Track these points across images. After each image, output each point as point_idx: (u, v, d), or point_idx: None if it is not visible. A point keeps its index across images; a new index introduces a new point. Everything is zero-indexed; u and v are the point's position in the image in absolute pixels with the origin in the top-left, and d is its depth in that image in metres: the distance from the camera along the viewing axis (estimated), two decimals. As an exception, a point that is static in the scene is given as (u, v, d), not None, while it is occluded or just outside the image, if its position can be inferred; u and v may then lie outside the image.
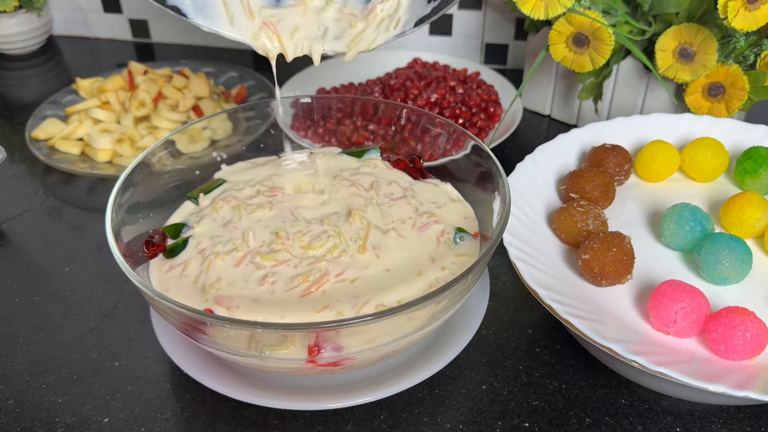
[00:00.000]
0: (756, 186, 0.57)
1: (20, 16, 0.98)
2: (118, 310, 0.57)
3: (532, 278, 0.48)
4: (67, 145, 0.76)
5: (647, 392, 0.49)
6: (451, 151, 0.56)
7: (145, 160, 0.51)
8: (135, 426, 0.47)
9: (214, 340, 0.41)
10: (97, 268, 0.61)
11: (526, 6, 0.66)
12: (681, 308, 0.45)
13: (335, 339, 0.40)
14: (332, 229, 0.49)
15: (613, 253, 0.48)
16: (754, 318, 0.44)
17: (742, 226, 0.53)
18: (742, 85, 0.66)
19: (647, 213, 0.57)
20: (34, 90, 0.94)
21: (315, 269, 0.45)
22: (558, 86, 0.82)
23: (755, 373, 0.43)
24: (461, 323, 0.50)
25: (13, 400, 0.49)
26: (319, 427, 0.47)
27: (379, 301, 0.43)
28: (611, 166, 0.58)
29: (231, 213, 0.51)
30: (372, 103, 0.67)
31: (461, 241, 0.49)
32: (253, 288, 0.45)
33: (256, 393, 0.45)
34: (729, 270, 0.48)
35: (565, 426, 0.47)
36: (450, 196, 0.54)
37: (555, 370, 0.51)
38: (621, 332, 0.46)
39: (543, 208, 0.57)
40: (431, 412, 0.48)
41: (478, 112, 0.79)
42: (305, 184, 0.55)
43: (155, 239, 0.49)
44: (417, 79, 0.82)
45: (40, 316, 0.56)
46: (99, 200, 0.72)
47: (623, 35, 0.68)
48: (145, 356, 0.52)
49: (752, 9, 0.60)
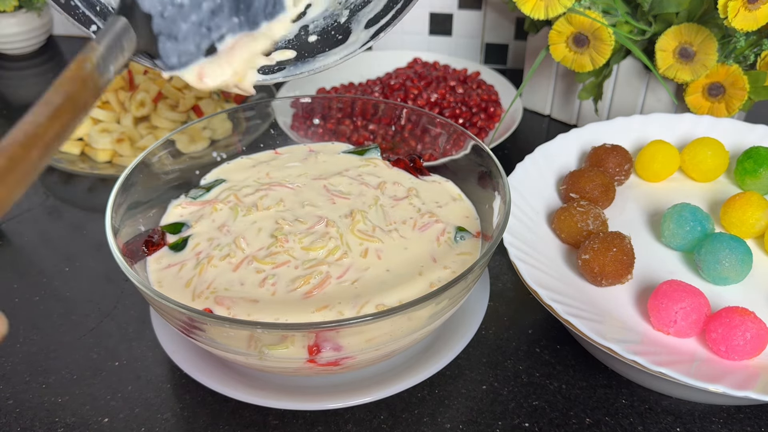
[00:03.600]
0: (756, 186, 0.57)
1: (20, 16, 0.98)
2: (118, 310, 0.57)
3: (532, 278, 0.48)
4: (67, 145, 0.76)
5: (647, 392, 0.49)
6: (451, 151, 0.56)
7: (145, 160, 0.51)
8: (135, 426, 0.47)
9: (214, 339, 0.41)
10: (97, 268, 0.61)
11: (526, 6, 0.66)
12: (681, 308, 0.45)
13: (335, 339, 0.40)
14: (334, 230, 0.49)
15: (613, 253, 0.48)
16: (754, 318, 0.44)
17: (743, 226, 0.53)
18: (743, 85, 0.66)
19: (647, 213, 0.57)
20: (34, 90, 0.94)
21: (316, 272, 0.45)
22: (558, 86, 0.82)
23: (755, 373, 0.43)
24: (461, 323, 0.50)
25: (13, 400, 0.49)
26: (319, 427, 0.47)
27: (379, 301, 0.43)
28: (611, 166, 0.58)
29: (228, 213, 0.51)
30: (372, 103, 0.67)
31: (462, 240, 0.49)
32: (251, 290, 0.45)
33: (256, 393, 0.45)
34: (729, 270, 0.48)
35: (565, 426, 0.47)
36: (452, 195, 0.54)
37: (555, 370, 0.51)
38: (621, 332, 0.46)
39: (543, 208, 0.57)
40: (431, 412, 0.48)
41: (478, 112, 0.79)
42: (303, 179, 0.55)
43: (155, 239, 0.49)
44: (417, 79, 0.82)
45: (40, 316, 0.56)
46: (99, 200, 0.72)
47: (623, 35, 0.68)
48: (145, 356, 0.52)
49: (752, 9, 0.60)
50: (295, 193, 0.53)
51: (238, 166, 0.58)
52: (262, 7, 0.44)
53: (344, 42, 0.47)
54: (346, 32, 0.47)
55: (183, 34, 0.41)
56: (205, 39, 0.42)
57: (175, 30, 0.40)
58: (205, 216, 0.51)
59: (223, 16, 0.42)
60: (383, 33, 0.45)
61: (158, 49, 0.40)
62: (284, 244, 0.48)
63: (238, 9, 0.43)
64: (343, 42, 0.47)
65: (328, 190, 0.54)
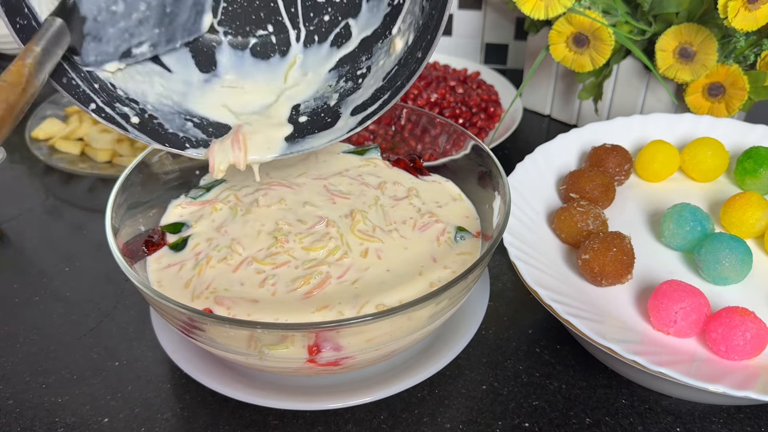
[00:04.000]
0: (756, 186, 0.57)
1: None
2: (118, 310, 0.57)
3: (532, 278, 0.48)
4: (67, 145, 0.76)
5: (647, 392, 0.49)
6: (451, 151, 0.56)
7: (145, 160, 0.51)
8: (135, 426, 0.47)
9: (214, 339, 0.41)
10: (97, 268, 0.61)
11: (526, 6, 0.66)
12: (681, 308, 0.45)
13: (335, 339, 0.40)
14: (334, 230, 0.49)
15: (613, 253, 0.48)
16: (754, 318, 0.44)
17: (743, 226, 0.53)
18: (742, 85, 0.66)
19: (647, 213, 0.57)
20: (34, 90, 0.94)
21: (316, 272, 0.45)
22: (558, 86, 0.82)
23: (755, 373, 0.43)
24: (461, 323, 0.50)
25: (13, 400, 0.49)
26: (319, 427, 0.47)
27: (379, 301, 0.43)
28: (611, 166, 0.58)
29: (228, 213, 0.51)
30: (372, 103, 0.67)
31: (462, 240, 0.49)
32: (251, 291, 0.45)
33: (256, 393, 0.45)
34: (729, 270, 0.48)
35: (565, 426, 0.47)
36: (452, 195, 0.54)
37: (555, 370, 0.51)
38: (621, 332, 0.46)
39: (543, 208, 0.57)
40: (431, 412, 0.48)
41: (478, 112, 0.79)
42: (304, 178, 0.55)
43: (155, 238, 0.49)
44: (417, 79, 0.82)
45: (40, 316, 0.56)
46: (99, 200, 0.72)
47: (623, 35, 0.68)
48: (145, 356, 0.52)
49: (752, 9, 0.60)
50: (295, 193, 0.53)
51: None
52: (182, 23, 0.47)
53: (333, 126, 0.48)
54: (335, 116, 0.48)
55: (107, 37, 0.43)
56: (124, 43, 0.44)
57: (102, 33, 0.43)
58: (205, 216, 0.51)
59: (147, 26, 0.45)
60: (369, 121, 0.47)
61: (81, 48, 0.42)
62: (284, 244, 0.48)
63: (162, 22, 0.45)
64: (332, 126, 0.48)
65: (328, 190, 0.54)
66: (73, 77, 0.43)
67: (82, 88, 0.43)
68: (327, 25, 0.50)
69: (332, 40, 0.50)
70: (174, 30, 0.46)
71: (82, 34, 0.42)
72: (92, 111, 0.44)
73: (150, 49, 0.46)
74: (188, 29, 0.47)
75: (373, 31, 0.48)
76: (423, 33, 0.45)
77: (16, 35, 0.41)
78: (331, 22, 0.49)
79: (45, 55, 0.37)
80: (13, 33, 0.41)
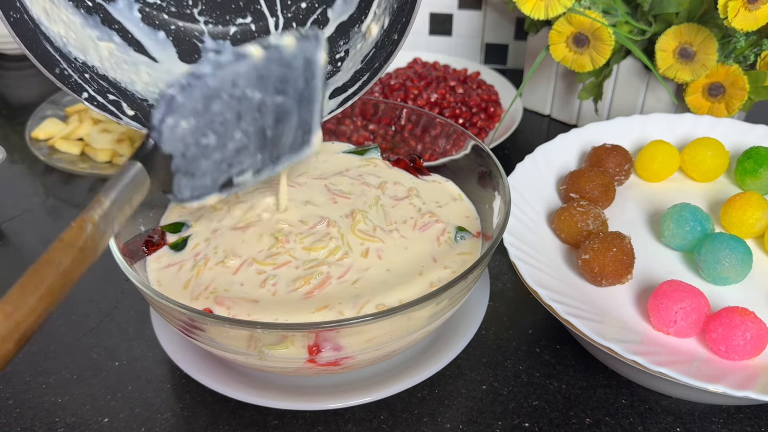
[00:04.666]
0: (756, 186, 0.57)
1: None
2: (118, 310, 0.57)
3: (532, 278, 0.48)
4: (67, 145, 0.76)
5: (647, 392, 0.49)
6: (451, 151, 0.56)
7: (145, 160, 0.51)
8: (135, 426, 0.47)
9: (214, 339, 0.41)
10: (97, 268, 0.61)
11: (526, 6, 0.66)
12: (681, 308, 0.45)
13: (335, 339, 0.40)
14: (335, 230, 0.49)
15: (613, 253, 0.48)
16: (754, 318, 0.44)
17: (743, 226, 0.53)
18: (743, 85, 0.66)
19: (647, 213, 0.57)
20: (34, 90, 0.94)
21: (317, 272, 0.45)
22: (558, 86, 0.82)
23: (755, 373, 0.43)
24: (461, 323, 0.50)
25: (13, 400, 0.49)
26: (319, 427, 0.47)
27: (379, 301, 0.43)
28: (611, 166, 0.58)
29: (228, 213, 0.51)
30: (372, 103, 0.67)
31: (462, 240, 0.49)
32: (251, 291, 0.45)
33: (256, 393, 0.45)
34: (729, 270, 0.48)
35: (565, 426, 0.47)
36: (452, 195, 0.54)
37: (555, 370, 0.51)
38: (621, 332, 0.46)
39: (543, 208, 0.57)
40: (431, 412, 0.48)
41: (478, 112, 0.79)
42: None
43: (155, 238, 0.49)
44: (417, 79, 0.82)
45: (40, 316, 0.56)
46: (99, 200, 0.71)
47: (623, 35, 0.68)
48: (145, 356, 0.52)
49: (752, 9, 0.60)
50: (296, 192, 0.53)
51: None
52: (289, 144, 0.41)
53: None
54: None
55: (201, 171, 0.38)
56: (223, 174, 0.39)
57: (194, 168, 0.38)
58: (205, 215, 0.51)
59: (247, 153, 0.39)
60: (349, 102, 0.48)
61: (172, 186, 0.37)
62: (285, 244, 0.48)
63: (264, 146, 0.40)
64: None
65: (329, 190, 0.54)
66: (65, 68, 0.43)
67: (74, 78, 0.44)
68: (304, 12, 0.51)
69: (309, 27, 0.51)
70: (280, 152, 0.41)
71: (170, 173, 0.37)
72: (85, 99, 0.44)
73: (254, 176, 0.41)
74: (296, 149, 0.42)
75: (349, 16, 0.50)
76: (398, 16, 0.46)
77: (11, 29, 0.41)
78: (308, 9, 0.51)
79: (115, 208, 0.32)
80: (8, 27, 0.41)
